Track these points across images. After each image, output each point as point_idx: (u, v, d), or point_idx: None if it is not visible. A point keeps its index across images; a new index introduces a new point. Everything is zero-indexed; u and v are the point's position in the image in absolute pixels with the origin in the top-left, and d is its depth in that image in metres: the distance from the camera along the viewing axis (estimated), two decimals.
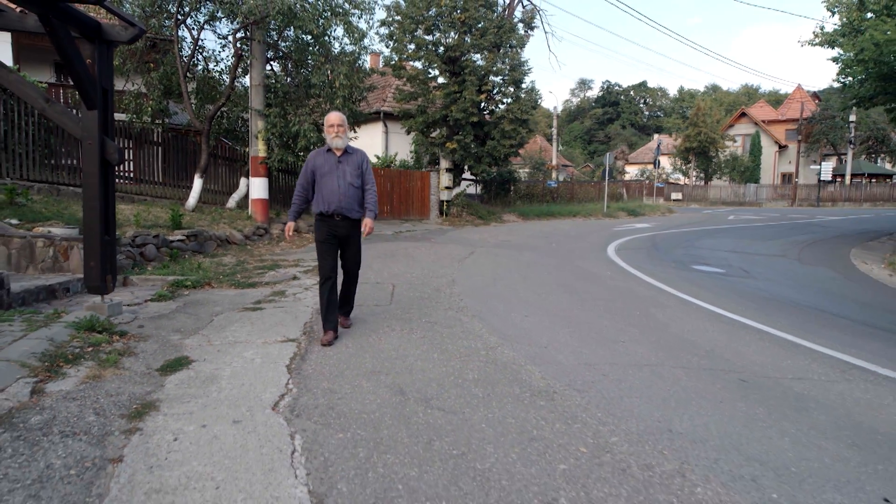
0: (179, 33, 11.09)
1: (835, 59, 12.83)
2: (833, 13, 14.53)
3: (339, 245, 4.71)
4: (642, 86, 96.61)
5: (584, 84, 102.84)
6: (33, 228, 7.05)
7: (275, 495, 2.28)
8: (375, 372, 3.89)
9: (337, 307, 4.73)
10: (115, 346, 4.09)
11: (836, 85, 16.84)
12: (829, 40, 14.16)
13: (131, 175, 12.07)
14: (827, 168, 37.94)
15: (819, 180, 38.54)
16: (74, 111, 9.27)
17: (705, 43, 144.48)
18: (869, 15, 13.73)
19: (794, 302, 7.62)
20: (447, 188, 18.53)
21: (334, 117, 4.68)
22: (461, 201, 19.06)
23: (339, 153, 4.64)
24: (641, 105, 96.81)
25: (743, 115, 48.41)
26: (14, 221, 7.14)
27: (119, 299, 5.38)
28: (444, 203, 18.56)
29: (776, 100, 66.32)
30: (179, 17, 10.76)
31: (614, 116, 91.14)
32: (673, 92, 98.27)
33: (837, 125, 41.37)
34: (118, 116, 12.68)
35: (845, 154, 41.43)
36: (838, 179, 40.71)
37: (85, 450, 2.57)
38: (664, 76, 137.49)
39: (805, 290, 8.74)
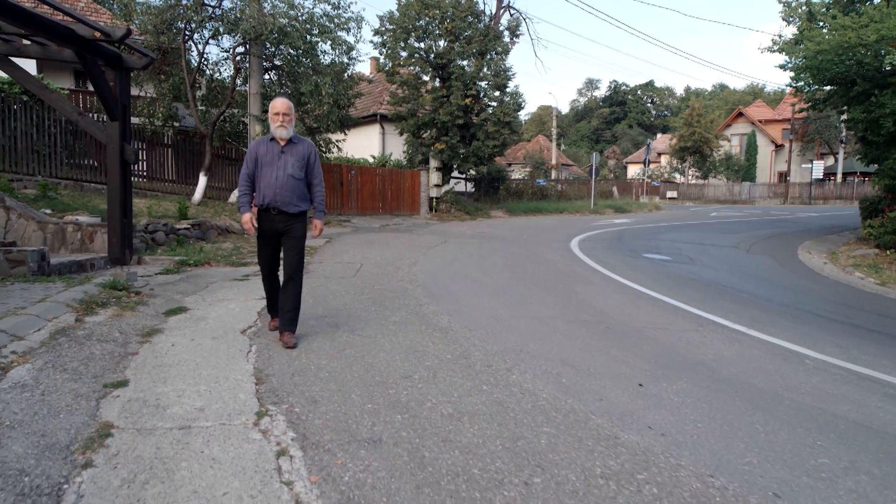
0: (186, 46, 12.54)
1: (782, 67, 14.00)
2: (788, 23, 15.72)
3: (278, 242, 4.41)
4: (649, 85, 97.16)
5: (591, 84, 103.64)
6: (64, 217, 8.48)
7: (233, 367, 3.66)
8: (322, 316, 5.25)
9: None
10: (132, 299, 5.48)
11: (788, 89, 17.94)
12: (783, 48, 15.33)
13: (144, 174, 13.55)
14: (818, 167, 38.82)
15: (812, 179, 39.42)
16: (93, 116, 10.74)
17: (719, 41, 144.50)
18: (821, 24, 14.90)
19: (711, 281, 8.84)
20: (436, 186, 19.88)
21: (279, 104, 4.31)
22: (450, 198, 20.39)
23: (283, 143, 4.30)
24: (649, 104, 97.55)
25: (740, 114, 49.30)
26: (48, 211, 8.58)
27: (134, 270, 6.78)
28: (434, 200, 19.92)
29: (780, 98, 66.90)
30: (187, 33, 12.22)
31: (621, 116, 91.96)
32: (680, 91, 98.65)
33: (832, 125, 42.17)
34: (132, 120, 14.17)
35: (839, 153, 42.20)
36: (831, 178, 41.52)
37: (114, 348, 3.95)
38: (671, 76, 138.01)
39: (732, 273, 9.95)
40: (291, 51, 12.15)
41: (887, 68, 12.12)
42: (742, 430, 3.18)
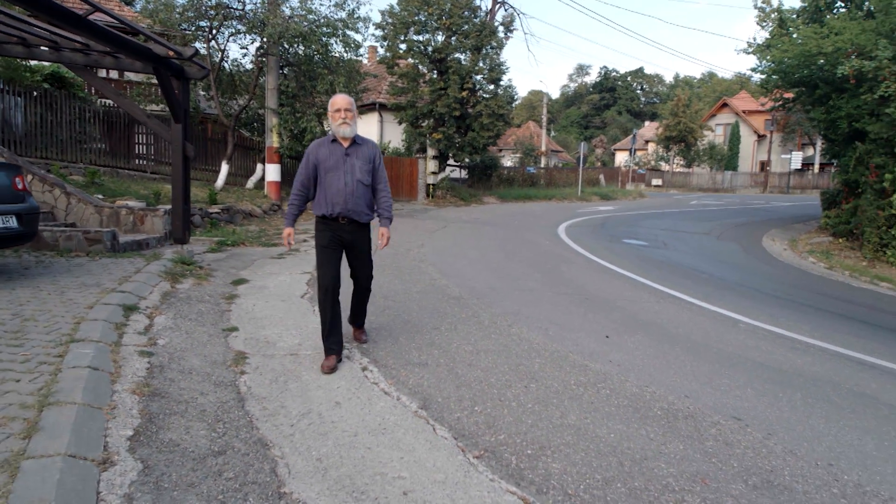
0: (211, 44, 13.62)
1: (753, 69, 15.34)
2: (762, 28, 17.02)
3: (345, 252, 4.13)
4: (639, 72, 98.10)
5: (581, 69, 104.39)
6: (115, 202, 9.64)
7: (307, 320, 4.97)
8: None
9: (341, 324, 4.04)
10: (202, 272, 6.73)
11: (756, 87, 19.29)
12: (758, 51, 16.65)
13: (167, 160, 14.65)
14: (797, 157, 40.46)
15: (790, 169, 41.10)
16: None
17: (706, 27, 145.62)
18: (790, 30, 16.23)
19: (679, 264, 10.20)
20: (433, 173, 21.12)
21: (341, 100, 3.91)
22: (446, 185, 21.65)
23: (346, 144, 3.91)
24: (638, 91, 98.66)
25: (725, 105, 50.75)
26: (100, 197, 9.74)
27: (191, 249, 8.00)
28: (431, 186, 21.17)
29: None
30: (211, 35, 13.29)
31: (611, 102, 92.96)
32: (669, 79, 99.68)
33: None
34: (154, 109, 15.24)
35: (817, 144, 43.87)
36: (809, 168, 43.21)
37: (212, 307, 5.22)
38: (661, 63, 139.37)
39: (700, 257, 11.33)
40: (307, 51, 13.29)
41: (845, 74, 13.49)
42: (675, 364, 4.54)
